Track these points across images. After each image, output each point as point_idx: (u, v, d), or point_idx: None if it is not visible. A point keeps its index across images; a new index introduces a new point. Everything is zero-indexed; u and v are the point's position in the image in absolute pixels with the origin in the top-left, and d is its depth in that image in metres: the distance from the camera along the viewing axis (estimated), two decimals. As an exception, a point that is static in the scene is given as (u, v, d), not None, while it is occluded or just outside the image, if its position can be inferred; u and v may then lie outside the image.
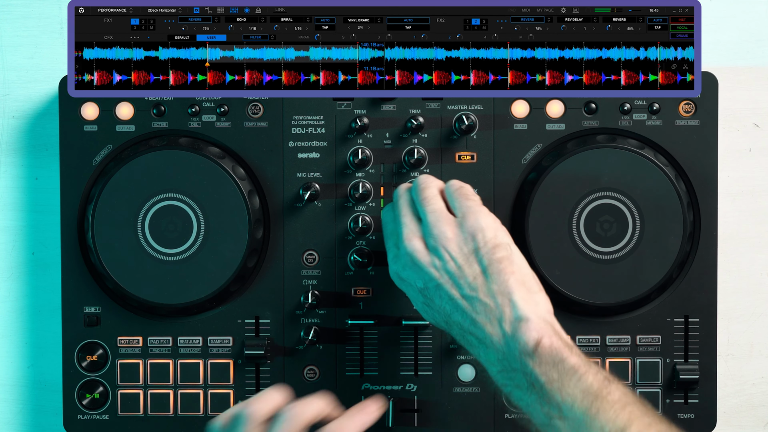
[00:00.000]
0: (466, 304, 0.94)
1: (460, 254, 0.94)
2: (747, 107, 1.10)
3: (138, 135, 1.06)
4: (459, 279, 0.94)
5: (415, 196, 0.99)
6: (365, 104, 1.06)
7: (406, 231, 0.97)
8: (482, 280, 0.93)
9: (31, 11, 1.11)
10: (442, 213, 0.96)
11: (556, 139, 1.06)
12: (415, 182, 1.00)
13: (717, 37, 1.11)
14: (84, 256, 1.06)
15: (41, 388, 1.11)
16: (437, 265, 0.95)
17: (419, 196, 0.98)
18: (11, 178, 1.11)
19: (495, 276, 0.93)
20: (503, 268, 0.94)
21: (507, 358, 0.91)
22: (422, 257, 0.95)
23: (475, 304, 0.93)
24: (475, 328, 0.93)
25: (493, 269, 0.93)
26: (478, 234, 0.94)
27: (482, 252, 0.94)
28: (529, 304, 0.92)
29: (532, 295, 0.93)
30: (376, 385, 1.07)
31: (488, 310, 0.93)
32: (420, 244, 0.96)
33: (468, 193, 0.98)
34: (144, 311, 1.06)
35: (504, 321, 0.92)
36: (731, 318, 1.11)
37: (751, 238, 1.11)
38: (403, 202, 0.99)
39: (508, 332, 0.91)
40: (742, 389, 1.12)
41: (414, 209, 0.98)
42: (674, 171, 1.06)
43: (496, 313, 0.92)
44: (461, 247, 0.95)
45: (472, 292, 0.93)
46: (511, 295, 0.92)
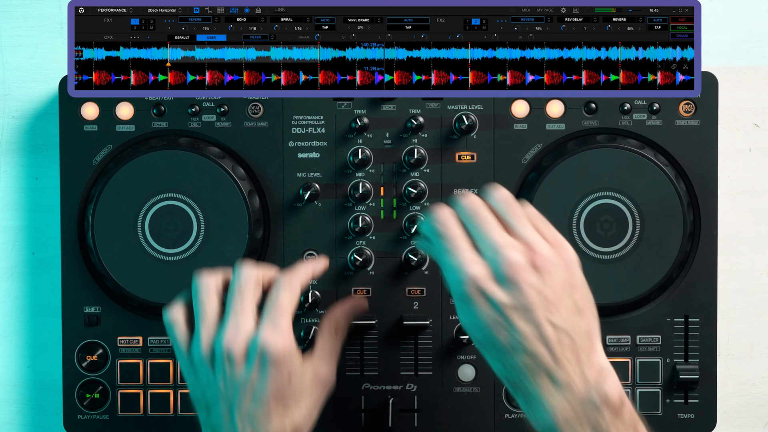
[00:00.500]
0: (554, 336, 0.87)
1: (561, 281, 0.88)
2: (747, 107, 1.10)
3: (138, 135, 1.06)
4: (554, 306, 0.87)
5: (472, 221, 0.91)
6: (365, 104, 1.06)
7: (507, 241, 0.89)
8: (578, 317, 0.88)
9: (31, 11, 1.11)
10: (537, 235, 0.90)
11: (556, 139, 1.06)
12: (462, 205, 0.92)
13: (717, 37, 1.11)
14: (84, 256, 1.06)
15: (41, 388, 1.11)
16: (537, 286, 0.87)
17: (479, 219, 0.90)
18: (11, 178, 1.11)
19: (587, 317, 0.89)
20: (591, 310, 0.89)
21: (582, 405, 0.86)
22: (523, 274, 0.87)
23: (563, 339, 0.87)
24: (556, 363, 0.87)
25: (586, 309, 0.89)
26: (575, 269, 0.89)
27: (579, 289, 0.89)
28: (604, 356, 0.89)
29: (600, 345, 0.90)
30: (376, 385, 1.07)
31: (575, 349, 0.87)
32: (522, 258, 0.88)
33: (541, 217, 0.92)
34: (144, 311, 1.06)
35: (586, 366, 0.87)
36: (731, 318, 1.11)
37: (751, 238, 1.11)
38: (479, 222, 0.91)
39: (591, 380, 0.87)
40: (742, 389, 1.12)
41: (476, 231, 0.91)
42: (674, 171, 1.06)
43: (581, 355, 0.87)
44: (562, 275, 0.88)
45: (565, 324, 0.87)
46: (595, 340, 0.88)
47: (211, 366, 0.94)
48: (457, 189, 1.06)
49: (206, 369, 0.94)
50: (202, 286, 0.96)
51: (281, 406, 0.94)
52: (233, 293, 0.95)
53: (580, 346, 0.87)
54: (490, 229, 0.89)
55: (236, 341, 0.93)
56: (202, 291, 0.96)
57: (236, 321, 0.94)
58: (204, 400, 0.95)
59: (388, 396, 1.07)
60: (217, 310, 0.96)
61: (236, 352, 0.93)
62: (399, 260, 1.06)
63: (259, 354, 0.92)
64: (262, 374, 0.93)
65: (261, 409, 0.93)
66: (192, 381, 0.96)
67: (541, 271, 0.87)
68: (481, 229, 0.89)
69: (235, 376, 0.93)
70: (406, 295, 1.07)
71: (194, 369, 0.95)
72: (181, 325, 0.96)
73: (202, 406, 0.96)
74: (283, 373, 0.93)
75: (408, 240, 1.06)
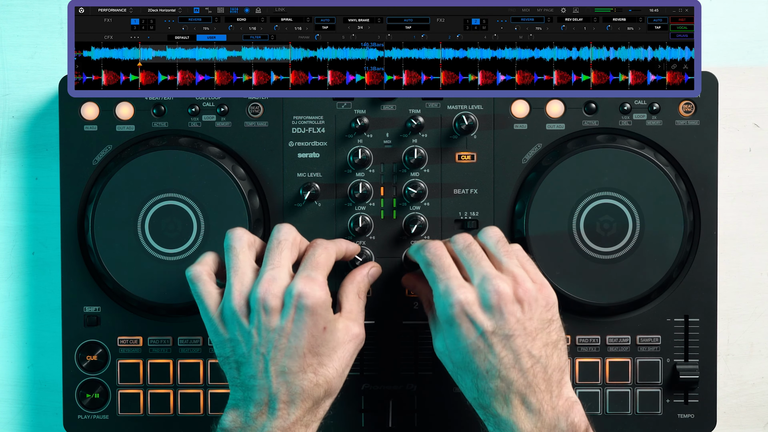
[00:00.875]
0: (530, 364, 0.94)
1: (541, 316, 0.95)
2: (747, 107, 1.10)
3: (138, 135, 1.06)
4: (533, 338, 0.94)
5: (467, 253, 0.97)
6: (365, 104, 1.06)
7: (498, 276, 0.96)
8: (552, 350, 0.95)
9: (31, 11, 1.11)
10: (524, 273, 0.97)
11: (556, 139, 1.06)
12: (456, 240, 0.99)
13: (717, 37, 1.11)
14: (84, 256, 1.06)
15: (41, 388, 1.11)
16: (518, 316, 0.94)
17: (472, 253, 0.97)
18: (11, 178, 1.11)
19: (559, 351, 0.95)
20: (563, 346, 0.96)
21: (548, 429, 0.93)
22: (508, 303, 0.94)
23: (536, 368, 0.94)
24: (529, 390, 0.94)
25: (559, 344, 0.95)
26: (553, 307, 0.96)
27: (555, 325, 0.96)
28: (572, 389, 0.96)
29: None
30: (376, 385, 1.07)
31: (547, 379, 0.94)
32: (508, 288, 0.95)
33: (528, 258, 0.99)
34: (144, 311, 1.06)
35: (556, 396, 0.94)
36: (731, 318, 1.11)
37: (751, 238, 1.11)
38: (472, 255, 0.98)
39: (561, 409, 0.94)
40: (742, 389, 1.12)
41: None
42: (674, 171, 1.06)
43: (552, 386, 0.94)
44: (542, 310, 0.95)
45: (540, 355, 0.94)
46: (565, 374, 0.95)
47: (245, 318, 0.94)
48: (457, 189, 1.06)
49: (238, 322, 0.95)
50: (236, 239, 0.97)
51: (315, 361, 0.95)
52: (271, 247, 0.97)
53: (552, 377, 0.94)
54: (480, 259, 0.96)
55: (272, 291, 0.94)
56: (235, 244, 0.97)
57: (273, 273, 0.95)
58: (234, 357, 0.95)
59: (388, 396, 1.07)
60: (251, 263, 0.96)
61: (272, 301, 0.94)
62: (399, 260, 1.06)
63: (294, 303, 0.93)
64: (298, 323, 0.94)
65: (296, 363, 0.94)
66: (220, 339, 0.96)
67: (524, 303, 0.94)
68: (472, 259, 0.96)
69: (270, 326, 0.94)
70: (406, 295, 1.07)
71: (224, 324, 0.95)
72: (206, 280, 0.97)
73: (231, 365, 0.96)
74: (319, 324, 0.94)
75: (408, 240, 1.06)
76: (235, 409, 0.95)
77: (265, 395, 0.94)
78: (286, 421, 0.94)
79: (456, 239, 0.99)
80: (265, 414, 0.94)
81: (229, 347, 0.96)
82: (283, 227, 0.98)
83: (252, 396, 0.95)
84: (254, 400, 0.94)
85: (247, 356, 0.95)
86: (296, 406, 0.94)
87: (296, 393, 0.94)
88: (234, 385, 0.96)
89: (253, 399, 0.95)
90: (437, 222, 1.06)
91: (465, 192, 1.06)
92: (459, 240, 0.98)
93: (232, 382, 0.96)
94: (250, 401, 0.95)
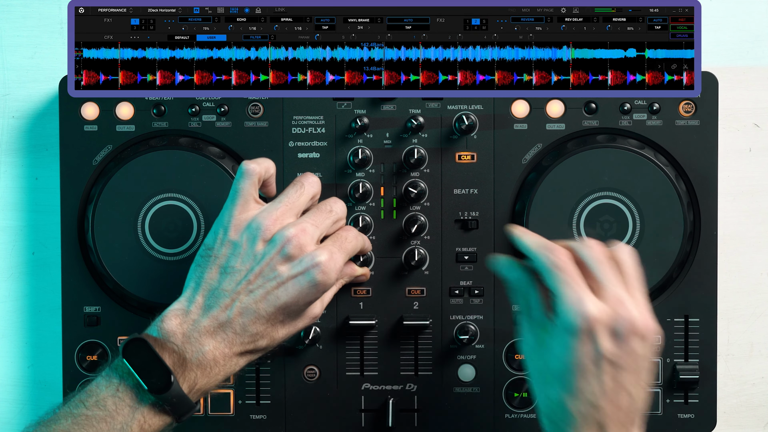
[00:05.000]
0: (626, 402, 0.92)
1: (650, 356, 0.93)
2: (747, 107, 1.10)
3: (138, 135, 1.06)
4: (637, 377, 0.92)
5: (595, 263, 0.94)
6: (365, 104, 1.06)
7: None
8: (643, 391, 0.93)
9: (31, 11, 1.11)
10: None
11: (556, 139, 1.06)
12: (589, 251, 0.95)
13: (717, 37, 1.11)
14: (84, 256, 1.06)
15: (41, 388, 1.11)
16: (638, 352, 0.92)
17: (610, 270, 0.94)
18: (11, 178, 1.11)
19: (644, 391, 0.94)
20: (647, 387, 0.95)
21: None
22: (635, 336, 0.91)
23: (628, 406, 0.92)
24: (611, 422, 0.91)
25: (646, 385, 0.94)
26: (653, 346, 0.93)
27: (650, 366, 0.94)
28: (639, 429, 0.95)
29: None
30: (376, 385, 1.07)
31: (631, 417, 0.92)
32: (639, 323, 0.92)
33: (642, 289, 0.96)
34: (144, 311, 1.06)
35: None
36: (731, 318, 1.11)
37: (751, 238, 1.11)
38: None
39: None
40: (742, 389, 1.12)
41: None
42: (674, 171, 1.06)
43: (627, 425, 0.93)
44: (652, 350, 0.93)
45: (636, 394, 0.92)
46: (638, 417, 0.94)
47: (261, 242, 0.95)
48: (457, 189, 1.06)
49: (255, 239, 0.95)
50: (314, 184, 0.99)
51: (280, 319, 0.95)
52: (293, 189, 0.98)
53: (631, 416, 0.92)
54: (618, 281, 0.93)
55: (300, 241, 0.94)
56: (308, 186, 0.98)
57: (310, 227, 0.95)
58: (222, 261, 0.95)
59: (388, 396, 1.07)
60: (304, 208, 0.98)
61: (293, 250, 0.94)
62: (399, 260, 1.06)
63: (307, 266, 0.94)
64: (296, 284, 0.94)
65: (267, 311, 0.94)
66: (225, 237, 0.96)
67: (645, 340, 0.92)
68: (609, 278, 0.93)
69: (276, 268, 0.94)
70: (406, 295, 1.07)
71: (243, 230, 0.96)
72: (255, 183, 0.97)
73: (211, 263, 0.96)
74: (309, 296, 0.95)
75: (408, 240, 1.06)
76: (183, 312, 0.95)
77: (224, 316, 0.94)
78: (227, 345, 0.94)
79: (591, 246, 0.94)
80: (213, 329, 0.94)
81: (227, 249, 0.96)
82: (312, 178, 1.00)
83: (210, 304, 0.95)
84: (210, 309, 0.94)
85: (234, 272, 0.95)
86: (240, 339, 0.94)
87: (247, 331, 0.94)
88: (196, 283, 0.96)
89: (210, 307, 0.95)
90: (437, 222, 1.06)
91: (465, 192, 1.06)
92: (594, 249, 0.94)
93: (195, 278, 0.96)
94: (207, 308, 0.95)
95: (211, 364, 0.93)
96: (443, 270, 1.07)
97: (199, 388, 0.93)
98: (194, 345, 0.93)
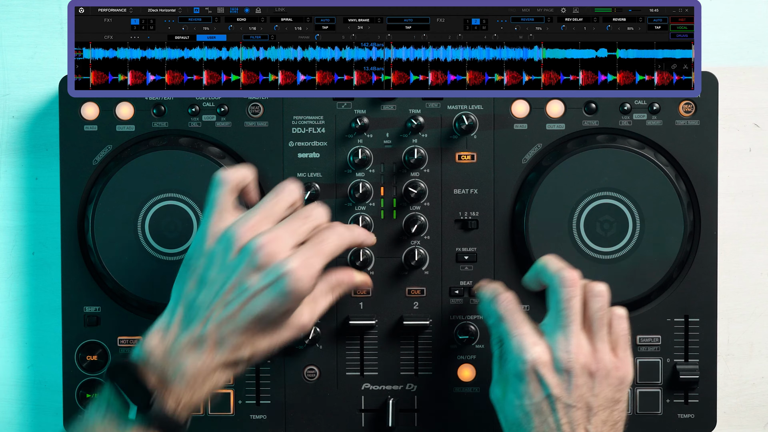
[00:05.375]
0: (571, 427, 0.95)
1: (608, 395, 0.96)
2: (747, 107, 1.10)
3: (138, 135, 1.06)
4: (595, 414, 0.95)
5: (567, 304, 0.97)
6: (365, 104, 1.06)
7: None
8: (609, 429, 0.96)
9: (31, 11, 1.11)
10: None
11: (556, 139, 1.06)
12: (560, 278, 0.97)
13: (717, 37, 1.11)
14: (84, 256, 1.06)
15: (41, 388, 1.11)
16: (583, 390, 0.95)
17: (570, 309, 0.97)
18: (11, 178, 1.11)
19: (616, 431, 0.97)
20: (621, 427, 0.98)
21: None
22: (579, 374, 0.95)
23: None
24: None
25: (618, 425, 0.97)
26: (624, 389, 0.97)
27: (621, 405, 0.97)
28: None
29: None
30: (376, 385, 1.07)
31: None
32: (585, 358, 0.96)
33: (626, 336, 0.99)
34: (144, 311, 1.06)
35: None
36: (731, 318, 1.11)
37: (751, 238, 1.11)
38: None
39: None
40: (742, 389, 1.12)
41: None
42: (674, 171, 1.06)
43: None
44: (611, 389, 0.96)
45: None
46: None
47: (235, 252, 0.93)
48: (457, 189, 1.06)
49: (229, 248, 0.93)
50: (293, 191, 0.96)
51: (259, 329, 0.93)
52: (270, 196, 0.95)
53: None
54: (574, 319, 0.96)
55: (271, 249, 0.92)
56: (286, 194, 0.96)
57: (283, 234, 0.93)
58: (200, 272, 0.94)
59: (388, 396, 1.07)
60: (281, 216, 0.96)
61: (263, 258, 0.92)
62: (399, 260, 1.06)
63: (278, 275, 0.91)
64: (268, 295, 0.92)
65: (243, 324, 0.93)
66: (201, 250, 0.95)
67: (595, 378, 0.95)
68: (566, 316, 0.96)
69: (246, 279, 0.92)
70: (406, 295, 1.07)
71: (218, 239, 0.94)
72: (231, 191, 0.96)
73: (191, 275, 0.95)
74: (284, 306, 0.93)
75: (408, 240, 1.06)
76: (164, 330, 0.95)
77: (201, 330, 0.93)
78: (209, 358, 0.93)
79: (565, 281, 0.96)
80: (192, 344, 0.93)
81: (203, 260, 0.94)
82: (291, 184, 0.97)
83: (189, 318, 0.94)
84: (189, 324, 0.93)
85: (211, 283, 0.94)
86: (221, 351, 0.93)
87: (226, 343, 0.93)
88: (177, 295, 0.95)
89: (189, 321, 0.94)
90: (437, 222, 1.06)
91: (465, 192, 1.06)
92: (567, 285, 0.96)
93: (177, 291, 0.95)
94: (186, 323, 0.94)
95: (194, 378, 0.92)
96: (443, 270, 1.07)
97: (185, 403, 0.93)
98: (174, 361, 0.92)
